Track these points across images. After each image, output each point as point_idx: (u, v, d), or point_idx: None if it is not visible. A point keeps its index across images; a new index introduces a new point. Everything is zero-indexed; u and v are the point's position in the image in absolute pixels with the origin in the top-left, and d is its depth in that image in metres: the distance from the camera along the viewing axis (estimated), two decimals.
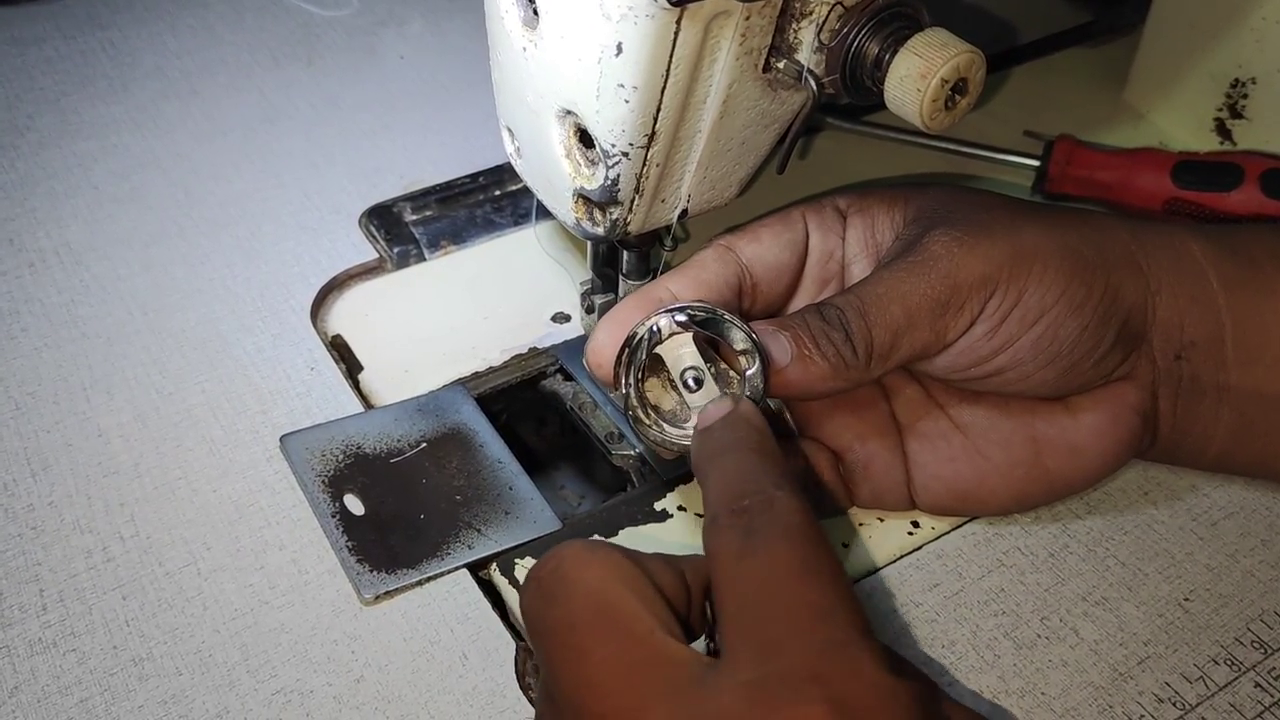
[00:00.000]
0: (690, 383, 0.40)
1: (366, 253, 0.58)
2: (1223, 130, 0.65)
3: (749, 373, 0.39)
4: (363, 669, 0.41)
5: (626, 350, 0.40)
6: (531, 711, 0.40)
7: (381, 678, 0.41)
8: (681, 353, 0.40)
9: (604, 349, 0.41)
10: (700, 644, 0.35)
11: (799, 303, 0.45)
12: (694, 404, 0.40)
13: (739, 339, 0.39)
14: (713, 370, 0.40)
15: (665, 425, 0.40)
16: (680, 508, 0.47)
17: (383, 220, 0.59)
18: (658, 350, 0.40)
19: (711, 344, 0.40)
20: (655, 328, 0.39)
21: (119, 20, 0.73)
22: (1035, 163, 0.63)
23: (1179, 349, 0.42)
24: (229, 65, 0.70)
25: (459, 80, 0.70)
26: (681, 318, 0.39)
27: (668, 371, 0.40)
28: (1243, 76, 0.63)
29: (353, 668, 0.41)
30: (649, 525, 0.46)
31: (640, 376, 0.40)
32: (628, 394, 0.40)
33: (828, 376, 0.39)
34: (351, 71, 0.70)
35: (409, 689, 0.40)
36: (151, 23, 0.73)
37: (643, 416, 0.40)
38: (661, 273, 0.48)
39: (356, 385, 0.51)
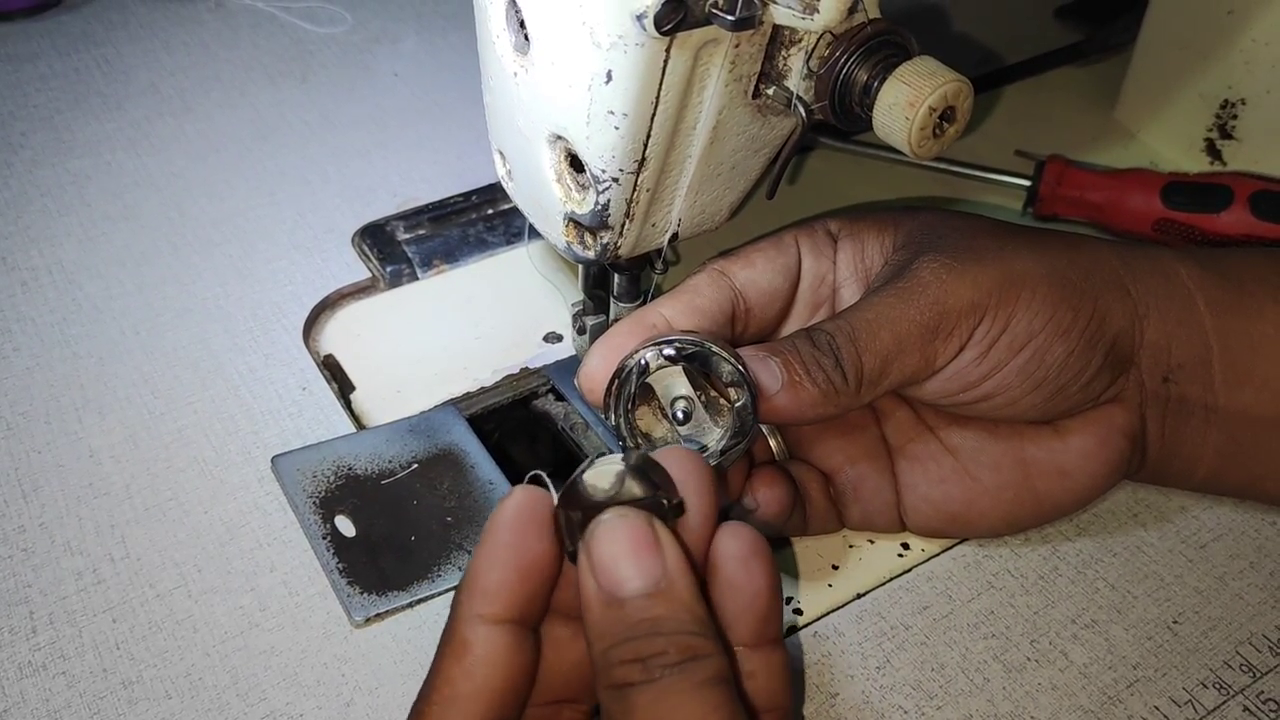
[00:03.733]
0: (679, 414, 0.40)
1: (359, 272, 0.58)
2: (1213, 151, 0.66)
3: (738, 405, 0.39)
4: (353, 692, 0.41)
5: (616, 381, 0.40)
6: None
7: (371, 701, 0.41)
8: (671, 382, 0.40)
9: (596, 375, 0.41)
10: None
11: (791, 326, 0.45)
12: (684, 434, 0.40)
13: (727, 372, 0.39)
14: (703, 399, 0.40)
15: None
16: None
17: (375, 239, 0.59)
18: (648, 380, 0.40)
19: (704, 372, 0.40)
20: (643, 361, 0.39)
21: (113, 37, 0.73)
22: (1026, 183, 0.63)
23: (1167, 371, 0.43)
24: (223, 82, 0.70)
25: (453, 98, 0.70)
26: (670, 351, 0.39)
27: (659, 400, 0.40)
28: (1232, 97, 0.64)
29: (343, 691, 0.41)
30: None
31: (630, 406, 0.40)
32: (618, 424, 0.40)
33: (818, 402, 0.39)
34: (345, 89, 0.70)
35: (399, 712, 0.40)
36: (146, 40, 0.73)
37: (633, 447, 0.40)
38: (652, 296, 0.48)
39: (348, 405, 0.52)
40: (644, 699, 0.30)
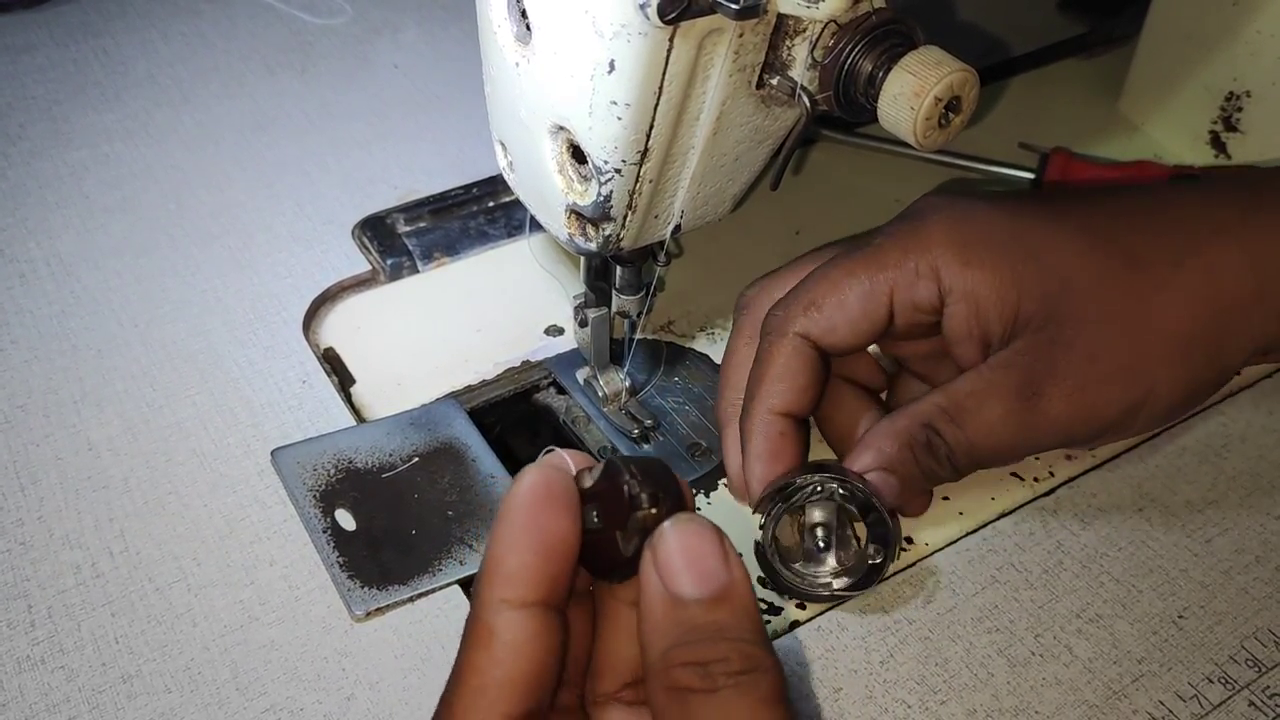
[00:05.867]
0: (819, 543, 0.43)
1: (359, 264, 0.57)
2: (1217, 143, 0.65)
3: (874, 563, 0.42)
4: (353, 687, 0.41)
5: (784, 489, 0.42)
6: None
7: (372, 695, 0.40)
8: (820, 509, 0.42)
9: (756, 488, 0.44)
10: None
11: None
12: (812, 558, 0.43)
13: (877, 533, 0.42)
14: (839, 532, 0.43)
15: (778, 559, 0.43)
16: None
17: (376, 231, 0.59)
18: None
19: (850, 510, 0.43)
20: (816, 489, 0.42)
21: (112, 28, 0.73)
22: (1030, 175, 0.63)
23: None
24: (222, 73, 0.70)
25: (453, 89, 0.69)
26: (843, 491, 0.42)
27: (802, 512, 0.43)
28: (1237, 89, 0.63)
29: (343, 685, 0.41)
30: None
31: (779, 515, 0.43)
32: (766, 524, 0.43)
33: (925, 494, 0.46)
34: (345, 80, 0.70)
35: (400, 706, 0.40)
36: (144, 30, 0.73)
37: (764, 543, 0.43)
38: (654, 289, 0.48)
39: (349, 398, 0.51)
40: (704, 710, 0.29)
